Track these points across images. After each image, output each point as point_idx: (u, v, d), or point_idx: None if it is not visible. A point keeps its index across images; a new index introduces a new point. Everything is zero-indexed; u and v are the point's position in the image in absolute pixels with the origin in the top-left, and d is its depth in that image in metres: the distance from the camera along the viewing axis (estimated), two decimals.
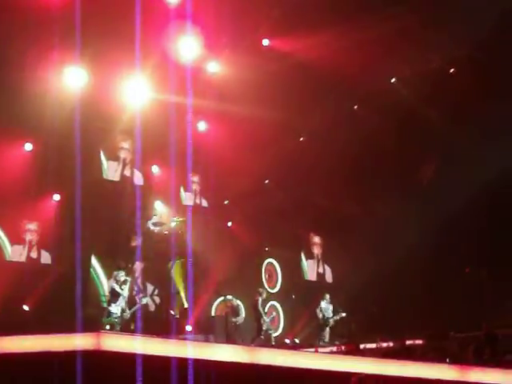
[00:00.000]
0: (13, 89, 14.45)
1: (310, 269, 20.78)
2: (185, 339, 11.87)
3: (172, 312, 15.84)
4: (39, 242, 16.13)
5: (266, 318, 15.88)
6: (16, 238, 15.99)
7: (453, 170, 18.27)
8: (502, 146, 17.25)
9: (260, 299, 15.88)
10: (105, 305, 14.23)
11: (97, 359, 8.18)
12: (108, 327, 13.31)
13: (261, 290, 16.16)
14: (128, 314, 13.59)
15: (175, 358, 8.30)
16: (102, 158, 17.08)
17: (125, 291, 13.76)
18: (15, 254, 15.92)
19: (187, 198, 18.03)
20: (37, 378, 8.41)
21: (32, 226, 16.13)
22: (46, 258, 16.14)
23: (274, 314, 17.04)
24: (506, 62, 16.87)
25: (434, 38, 17.07)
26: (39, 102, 14.93)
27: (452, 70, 18.36)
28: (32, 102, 14.92)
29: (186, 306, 15.86)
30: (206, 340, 13.93)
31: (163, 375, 7.90)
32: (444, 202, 18.21)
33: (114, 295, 13.68)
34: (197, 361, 8.47)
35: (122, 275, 13.76)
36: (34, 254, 16.16)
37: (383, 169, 19.41)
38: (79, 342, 8.40)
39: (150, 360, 8.28)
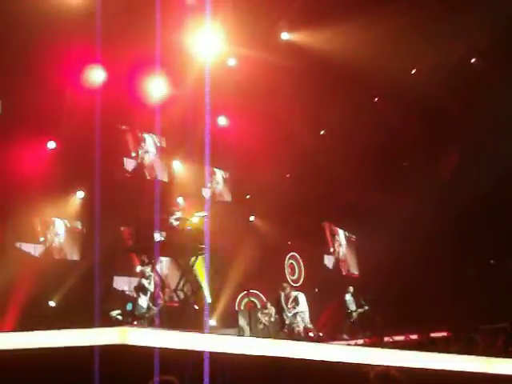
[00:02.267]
0: (35, 87, 14.59)
1: (333, 262, 20.74)
2: (207, 333, 11.91)
3: (196, 306, 15.91)
4: (64, 239, 16.31)
5: (289, 312, 15.87)
6: (41, 235, 16.19)
7: (476, 160, 18.09)
8: None
9: (283, 294, 15.87)
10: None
11: (120, 353, 8.24)
12: (135, 322, 13.41)
13: (285, 284, 16.12)
14: (155, 309, 13.69)
15: (197, 351, 8.34)
16: (125, 154, 17.20)
17: (151, 286, 13.88)
18: (41, 250, 16.12)
19: (207, 192, 18.09)
20: (61, 372, 8.49)
21: (57, 223, 16.31)
22: (70, 254, 16.31)
23: (299, 309, 16.91)
24: None
25: (456, 28, 16.88)
26: (61, 99, 15.06)
27: (474, 60, 18.16)
28: (54, 100, 15.06)
29: (209, 300, 15.92)
30: (229, 334, 13.98)
31: (186, 369, 7.93)
32: (468, 193, 18.03)
33: (142, 290, 13.79)
34: (218, 354, 8.50)
35: (148, 271, 13.87)
36: (59, 251, 16.34)
37: (405, 160, 19.30)
38: (103, 336, 8.47)
39: (173, 354, 8.33)
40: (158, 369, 7.13)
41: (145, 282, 13.65)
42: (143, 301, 13.51)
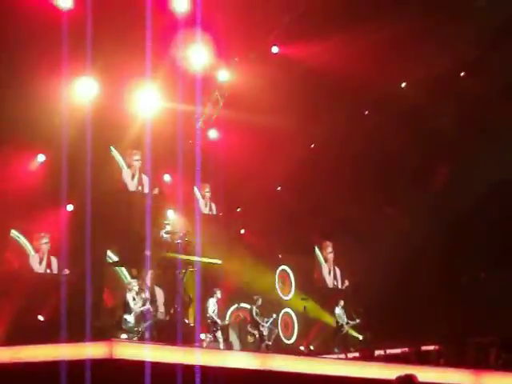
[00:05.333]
0: (24, 100, 14.57)
1: (324, 275, 20.70)
2: (197, 347, 11.86)
3: (186, 321, 15.85)
4: (53, 253, 16.22)
5: (265, 324, 15.78)
6: (29, 249, 16.10)
7: (463, 171, 18.18)
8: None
9: (254, 307, 15.79)
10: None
11: (108, 367, 8.20)
12: (124, 336, 13.33)
13: (256, 297, 16.05)
14: (142, 325, 13.60)
15: (186, 365, 8.30)
16: (114, 167, 17.17)
17: (138, 300, 13.79)
18: (30, 263, 16.03)
19: (199, 206, 18.07)
20: None
21: (46, 237, 16.21)
22: (59, 268, 16.21)
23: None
24: None
25: (444, 41, 17.01)
26: (51, 113, 15.05)
27: (463, 73, 18.28)
28: (44, 113, 15.05)
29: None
30: (219, 347, 13.92)
31: (174, 383, 7.90)
32: (457, 206, 18.10)
33: (128, 304, 13.70)
34: (208, 368, 8.46)
35: (134, 284, 13.79)
36: (47, 265, 16.24)
37: (395, 173, 19.35)
38: (91, 350, 8.43)
39: (160, 368, 8.29)
40: (143, 382, 7.10)
41: (132, 295, 13.57)
42: (128, 316, 13.43)
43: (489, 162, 17.32)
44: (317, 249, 20.60)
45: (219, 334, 14.67)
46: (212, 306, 14.79)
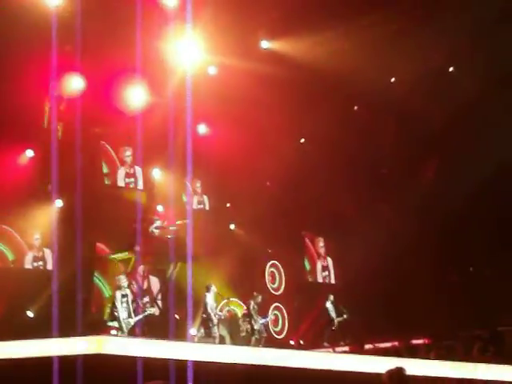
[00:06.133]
0: (12, 96, 14.52)
1: (314, 270, 20.76)
2: (188, 342, 11.89)
3: (176, 316, 15.85)
4: (43, 249, 16.19)
5: (259, 320, 15.85)
6: (19, 245, 16.06)
7: (453, 168, 18.25)
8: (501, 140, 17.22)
9: (252, 302, 15.84)
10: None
11: (99, 363, 8.21)
12: (114, 331, 13.33)
13: (255, 293, 16.09)
14: (133, 320, 13.61)
15: (177, 360, 8.32)
16: (103, 163, 17.14)
17: (128, 295, 13.80)
18: (20, 259, 16.00)
19: (190, 201, 18.07)
20: (40, 382, 8.44)
21: (35, 233, 16.18)
22: (49, 264, 16.18)
23: (270, 316, 16.82)
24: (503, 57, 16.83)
25: (434, 37, 17.04)
26: (40, 108, 15.01)
27: (451, 69, 18.34)
28: (33, 108, 15.00)
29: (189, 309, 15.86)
30: (209, 342, 13.96)
31: (164, 378, 7.91)
32: (445, 201, 18.17)
33: (117, 300, 13.71)
34: (199, 363, 8.49)
35: (123, 280, 13.78)
36: (37, 260, 16.22)
37: (383, 168, 19.41)
38: (81, 346, 8.44)
39: (150, 363, 8.30)
40: (134, 378, 7.10)
41: (121, 292, 13.56)
42: (120, 310, 13.42)
43: (479, 161, 17.38)
44: (308, 243, 20.66)
45: (215, 329, 14.64)
46: (211, 301, 14.79)
